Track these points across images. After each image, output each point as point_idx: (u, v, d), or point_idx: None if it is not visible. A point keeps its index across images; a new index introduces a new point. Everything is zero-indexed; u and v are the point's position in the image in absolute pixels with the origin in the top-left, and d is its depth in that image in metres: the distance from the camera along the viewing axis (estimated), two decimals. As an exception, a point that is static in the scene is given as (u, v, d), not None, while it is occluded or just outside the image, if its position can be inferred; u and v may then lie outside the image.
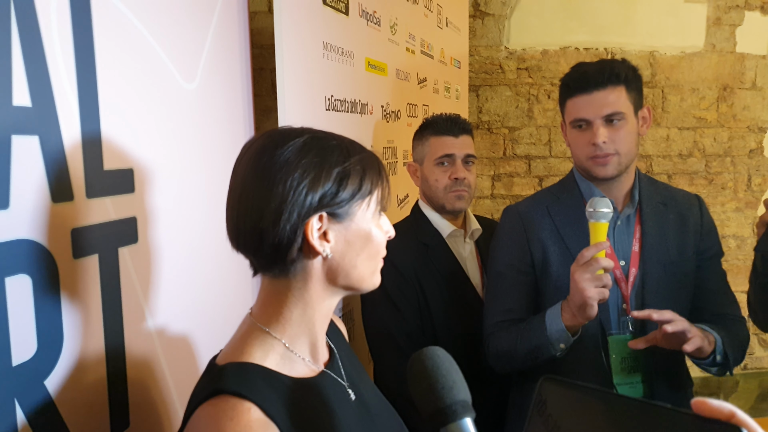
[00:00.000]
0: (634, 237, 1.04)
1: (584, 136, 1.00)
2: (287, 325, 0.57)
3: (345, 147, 0.57)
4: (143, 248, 0.72)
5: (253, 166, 0.54)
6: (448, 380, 0.47)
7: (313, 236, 0.54)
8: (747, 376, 2.86)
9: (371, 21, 1.40)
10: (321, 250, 0.55)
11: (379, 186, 0.58)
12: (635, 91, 1.01)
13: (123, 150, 0.69)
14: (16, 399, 0.53)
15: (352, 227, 0.56)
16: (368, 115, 1.40)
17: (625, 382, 1.00)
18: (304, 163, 0.53)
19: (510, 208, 1.11)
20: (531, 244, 1.04)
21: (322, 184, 0.53)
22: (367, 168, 0.57)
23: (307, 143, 0.55)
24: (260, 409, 0.50)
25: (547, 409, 0.40)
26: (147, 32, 0.73)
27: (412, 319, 1.12)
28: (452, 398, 0.45)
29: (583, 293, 0.85)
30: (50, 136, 0.58)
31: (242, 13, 1.00)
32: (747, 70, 2.70)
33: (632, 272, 1.02)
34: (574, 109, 1.01)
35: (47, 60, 0.57)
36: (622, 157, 0.99)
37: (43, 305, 0.57)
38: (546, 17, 2.61)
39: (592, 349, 0.99)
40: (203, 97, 0.86)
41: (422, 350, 0.50)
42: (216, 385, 0.52)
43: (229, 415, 0.49)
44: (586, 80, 0.99)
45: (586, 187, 1.05)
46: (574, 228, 1.02)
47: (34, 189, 0.56)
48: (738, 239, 2.79)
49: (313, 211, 0.53)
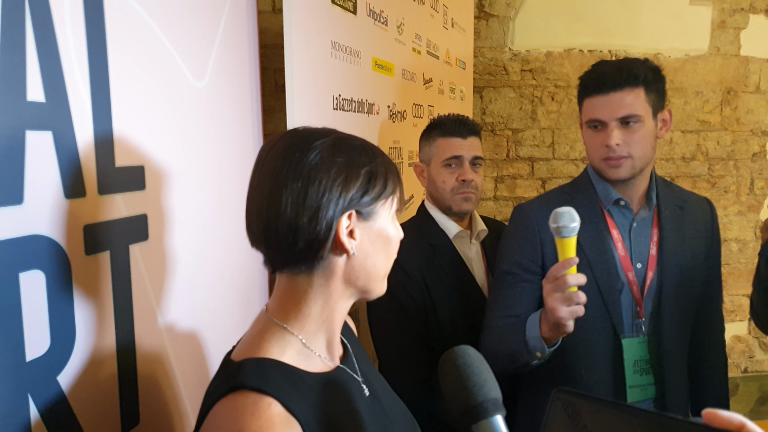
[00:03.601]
0: (652, 240, 1.03)
1: (598, 137, 0.98)
2: (305, 322, 0.57)
3: (368, 148, 0.59)
4: (154, 245, 0.72)
5: (283, 163, 0.55)
6: (480, 378, 0.48)
7: (343, 233, 0.55)
8: (747, 380, 2.86)
9: (379, 21, 1.40)
10: (349, 248, 0.56)
11: (399, 187, 0.60)
12: (655, 93, 0.98)
13: (134, 147, 0.69)
14: (30, 394, 0.53)
15: (375, 227, 0.58)
16: (375, 115, 1.40)
17: (637, 384, 0.99)
18: (336, 163, 0.54)
19: (523, 207, 1.08)
20: (544, 245, 1.01)
21: (353, 183, 0.55)
22: (388, 169, 0.59)
23: (336, 143, 0.56)
24: (281, 404, 0.50)
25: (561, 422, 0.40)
26: (158, 29, 0.73)
27: (418, 320, 1.12)
28: (484, 396, 0.46)
29: (555, 313, 0.81)
30: (63, 132, 0.58)
31: (251, 12, 1.00)
32: (751, 74, 2.70)
33: (650, 276, 1.01)
34: (590, 109, 0.99)
35: (61, 56, 0.57)
36: (636, 160, 0.97)
37: (57, 301, 0.57)
38: (550, 19, 2.61)
39: (605, 352, 0.98)
40: (212, 96, 0.87)
41: (453, 349, 0.51)
42: (235, 381, 0.52)
43: (250, 411, 0.49)
44: (603, 80, 0.96)
45: (602, 188, 1.03)
46: (590, 228, 1.00)
47: (47, 185, 0.56)
48: (740, 243, 2.79)
49: (345, 209, 0.55)
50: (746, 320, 2.80)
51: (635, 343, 0.99)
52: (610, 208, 1.03)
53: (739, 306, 2.76)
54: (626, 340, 0.99)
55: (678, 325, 1.02)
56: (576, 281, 0.80)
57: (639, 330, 1.00)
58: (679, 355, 0.97)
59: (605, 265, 0.99)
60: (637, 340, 1.00)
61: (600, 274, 0.98)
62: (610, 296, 0.98)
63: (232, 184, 0.90)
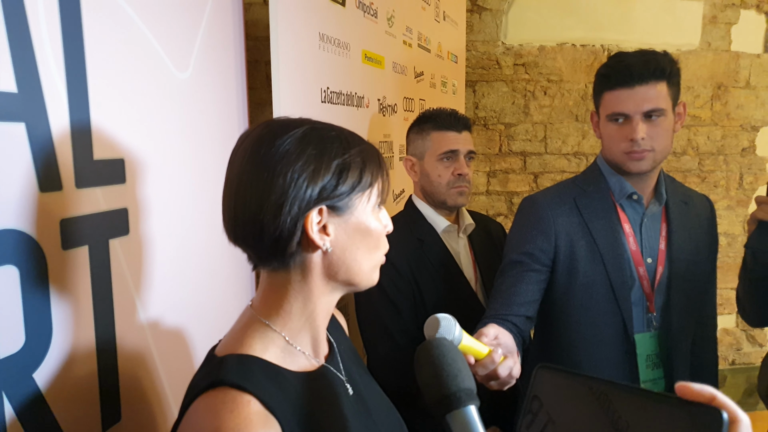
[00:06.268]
0: (661, 235, 1.03)
1: (622, 131, 0.96)
2: (288, 319, 0.56)
3: (345, 138, 0.56)
4: (134, 240, 0.71)
5: (251, 156, 0.53)
6: (453, 368, 0.47)
7: (312, 230, 0.53)
8: (735, 372, 2.90)
9: (368, 13, 1.38)
10: (321, 244, 0.54)
11: (379, 179, 0.57)
12: (675, 86, 0.97)
13: (114, 139, 0.67)
14: (4, 392, 0.52)
15: (351, 220, 0.55)
16: (365, 108, 1.39)
17: (650, 379, 1.00)
18: (303, 155, 0.52)
19: (535, 198, 1.05)
20: (558, 236, 0.99)
21: (322, 176, 0.52)
22: (367, 160, 0.56)
23: (306, 134, 0.54)
24: (260, 401, 0.49)
25: (541, 398, 0.42)
26: (138, 19, 0.71)
27: (408, 315, 1.12)
28: (457, 386, 0.46)
29: (491, 387, 0.73)
30: (37, 124, 0.56)
31: (237, 3, 0.98)
32: (741, 69, 2.71)
33: (659, 270, 1.01)
34: (613, 103, 0.96)
35: (34, 45, 0.56)
36: (658, 153, 0.97)
37: (31, 297, 0.55)
38: (543, 13, 2.60)
39: (617, 348, 0.98)
40: (196, 87, 0.85)
41: (428, 340, 0.51)
42: (216, 377, 0.51)
43: (229, 407, 0.48)
44: (630, 73, 0.94)
45: (615, 181, 1.02)
46: (602, 222, 0.99)
47: (20, 178, 0.54)
48: (729, 237, 2.82)
49: (313, 203, 0.53)
50: (734, 313, 2.84)
51: (647, 338, 0.99)
52: (622, 202, 1.02)
53: (727, 299, 2.79)
54: (639, 336, 0.99)
55: (686, 319, 1.03)
56: (507, 371, 0.71)
57: (650, 324, 1.00)
58: (686, 348, 0.98)
59: (617, 259, 0.99)
60: (648, 335, 1.00)
61: (612, 269, 0.98)
62: (621, 291, 0.98)
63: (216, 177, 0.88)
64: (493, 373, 0.69)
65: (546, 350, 1.08)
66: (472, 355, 0.68)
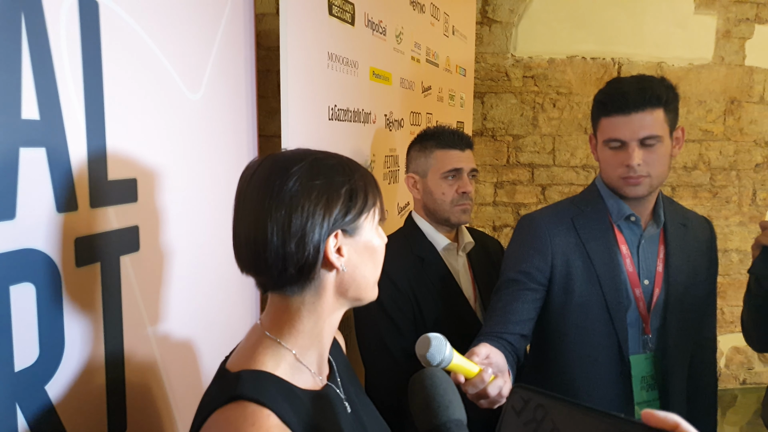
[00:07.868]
0: (658, 257, 1.03)
1: (618, 157, 0.98)
2: (299, 337, 0.59)
3: (345, 165, 0.59)
4: (145, 256, 0.74)
5: (265, 193, 0.56)
6: (445, 399, 0.50)
7: (331, 253, 0.56)
8: (745, 391, 2.84)
9: (377, 31, 1.41)
10: (338, 265, 0.57)
11: (378, 197, 0.61)
12: (673, 112, 0.98)
13: (127, 160, 0.71)
14: (18, 404, 0.55)
15: (361, 240, 0.59)
16: (371, 124, 1.41)
17: (644, 400, 0.99)
18: (315, 186, 0.55)
19: (533, 216, 1.07)
20: (555, 256, 1.00)
21: (335, 204, 0.56)
22: (367, 183, 0.60)
23: (313, 165, 0.57)
24: (277, 416, 0.52)
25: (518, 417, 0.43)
26: (155, 45, 0.75)
27: (408, 333, 1.13)
28: (447, 416, 0.48)
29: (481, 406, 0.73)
30: (57, 149, 0.60)
31: (248, 24, 1.01)
32: (755, 84, 2.68)
33: (656, 293, 1.01)
34: (609, 129, 0.98)
35: (56, 74, 0.59)
36: (654, 179, 0.98)
37: (46, 313, 0.58)
38: (553, 26, 2.61)
39: (611, 369, 0.99)
40: (207, 107, 0.88)
41: (422, 371, 0.53)
42: (234, 391, 0.53)
43: (250, 421, 0.50)
44: (625, 101, 0.95)
45: (613, 203, 1.03)
46: (599, 243, 1.00)
47: (39, 200, 0.58)
48: (741, 254, 2.77)
49: (331, 230, 0.56)
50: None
51: (642, 359, 0.99)
52: (620, 223, 1.03)
53: (738, 317, 2.74)
54: (634, 357, 0.99)
55: (683, 341, 1.03)
56: (497, 391, 0.71)
57: (646, 346, 1.01)
58: (682, 371, 0.97)
59: (614, 281, 0.99)
60: (643, 356, 1.00)
61: (608, 290, 0.99)
62: (617, 313, 0.98)
63: (226, 195, 0.92)
64: (482, 392, 0.70)
65: (541, 368, 1.08)
66: (463, 374, 0.69)
